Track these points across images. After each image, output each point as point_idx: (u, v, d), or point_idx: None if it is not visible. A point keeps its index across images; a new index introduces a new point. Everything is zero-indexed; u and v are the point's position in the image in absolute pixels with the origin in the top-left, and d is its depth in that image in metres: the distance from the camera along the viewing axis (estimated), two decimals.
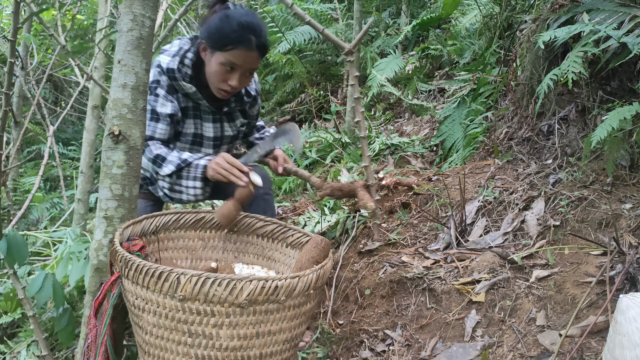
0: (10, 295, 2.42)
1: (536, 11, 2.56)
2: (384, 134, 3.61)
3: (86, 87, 3.26)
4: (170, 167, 1.70)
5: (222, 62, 1.68)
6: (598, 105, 2.06)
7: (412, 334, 1.61)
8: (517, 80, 2.53)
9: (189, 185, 1.72)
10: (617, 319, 1.09)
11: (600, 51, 1.78)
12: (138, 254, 1.37)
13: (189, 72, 1.77)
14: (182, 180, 1.72)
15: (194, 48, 1.79)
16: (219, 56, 1.68)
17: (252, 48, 1.67)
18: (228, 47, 1.66)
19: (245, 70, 1.71)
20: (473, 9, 3.84)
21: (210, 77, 1.75)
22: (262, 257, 1.73)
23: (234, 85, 1.71)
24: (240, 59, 1.67)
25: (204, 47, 1.73)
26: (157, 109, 1.74)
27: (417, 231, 2.15)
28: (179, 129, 1.83)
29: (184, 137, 1.84)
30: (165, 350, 1.22)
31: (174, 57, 1.76)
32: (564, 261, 1.63)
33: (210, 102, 1.84)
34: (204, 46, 1.73)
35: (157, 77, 1.75)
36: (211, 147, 1.91)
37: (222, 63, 1.68)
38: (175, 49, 1.79)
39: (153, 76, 1.75)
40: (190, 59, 1.78)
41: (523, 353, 1.38)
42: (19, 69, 4.00)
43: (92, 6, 5.58)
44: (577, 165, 2.02)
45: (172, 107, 1.76)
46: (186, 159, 1.70)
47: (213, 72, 1.71)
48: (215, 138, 1.90)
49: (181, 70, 1.76)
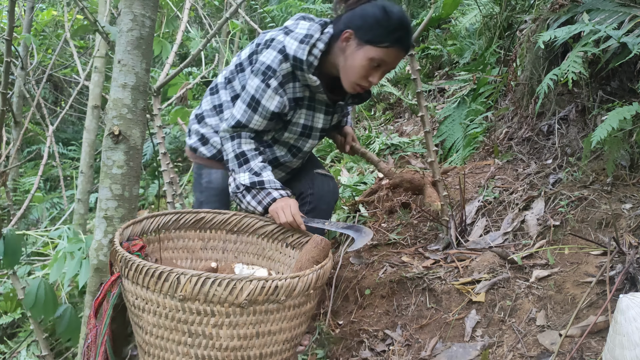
0: (10, 295, 2.42)
1: (536, 11, 2.56)
2: (384, 134, 3.61)
3: (86, 87, 3.26)
4: (245, 178, 1.64)
5: (372, 58, 1.54)
6: (598, 105, 2.06)
7: (412, 334, 1.61)
8: (517, 80, 2.53)
9: (251, 204, 1.67)
10: (617, 319, 1.09)
11: (600, 51, 1.78)
12: (138, 254, 1.37)
13: (315, 63, 1.61)
14: (247, 196, 1.66)
15: (325, 37, 1.62)
16: (370, 51, 1.54)
17: (405, 49, 1.58)
18: (384, 44, 1.53)
19: (390, 69, 1.61)
20: (473, 9, 3.84)
21: (349, 70, 1.60)
22: (262, 257, 1.73)
23: (374, 82, 1.60)
24: (391, 58, 1.56)
25: (348, 37, 1.57)
26: (261, 101, 1.61)
27: (417, 231, 2.15)
28: (287, 119, 1.71)
29: (293, 126, 1.73)
30: (165, 350, 1.22)
31: (302, 45, 1.59)
32: (564, 261, 1.63)
33: (328, 94, 1.71)
34: (348, 36, 1.57)
35: (277, 65, 1.60)
36: (317, 138, 1.81)
37: (372, 59, 1.55)
38: (303, 33, 1.61)
39: (272, 61, 1.60)
40: (320, 50, 1.61)
41: (523, 353, 1.38)
42: (19, 69, 3.99)
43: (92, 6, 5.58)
44: (577, 165, 2.02)
45: (278, 103, 1.63)
46: (263, 181, 1.63)
47: (356, 66, 1.57)
48: (323, 129, 1.81)
49: (308, 60, 1.59)
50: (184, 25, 2.58)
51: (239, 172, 1.65)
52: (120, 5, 1.36)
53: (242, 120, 1.64)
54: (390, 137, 3.48)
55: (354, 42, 1.57)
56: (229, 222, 1.70)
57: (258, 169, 1.65)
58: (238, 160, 1.65)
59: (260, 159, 1.67)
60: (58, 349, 2.26)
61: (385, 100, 4.39)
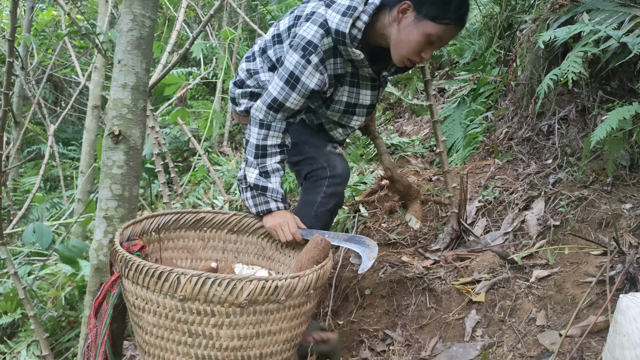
0: (10, 295, 2.42)
1: (536, 11, 2.56)
2: (384, 134, 3.61)
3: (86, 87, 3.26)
4: (252, 176, 1.60)
5: (430, 34, 1.47)
6: (598, 105, 2.06)
7: (412, 334, 1.61)
8: (517, 80, 2.53)
9: (247, 201, 1.64)
10: (617, 319, 1.09)
11: (600, 51, 1.78)
12: (138, 254, 1.37)
13: (358, 37, 1.53)
14: (247, 193, 1.63)
15: (370, 8, 1.54)
16: (429, 26, 1.47)
17: (462, 27, 1.52)
18: (445, 21, 1.46)
19: (443, 46, 1.57)
20: (473, 9, 3.83)
21: (402, 44, 1.52)
22: (262, 257, 1.73)
23: (426, 58, 1.54)
24: (447, 35, 1.51)
25: (405, 9, 1.49)
26: (301, 78, 1.52)
27: (417, 231, 2.15)
28: (326, 96, 1.65)
29: (336, 104, 1.67)
30: (165, 350, 1.22)
31: (345, 17, 1.51)
32: (564, 261, 1.63)
33: (372, 67, 1.64)
34: (406, 7, 1.49)
35: (318, 40, 1.51)
36: (364, 114, 1.73)
37: (429, 34, 1.48)
38: (346, 5, 1.52)
39: (313, 36, 1.51)
40: (364, 22, 1.53)
41: (523, 353, 1.38)
42: (19, 68, 4.00)
43: (92, 6, 5.58)
44: (577, 165, 2.02)
45: (318, 80, 1.55)
46: (267, 187, 1.60)
47: (411, 41, 1.50)
48: (371, 105, 1.72)
49: (351, 34, 1.52)
50: (180, 25, 2.58)
51: (250, 166, 1.61)
52: (121, 5, 1.36)
53: (278, 98, 1.55)
54: (390, 137, 3.48)
55: (412, 16, 1.49)
56: (229, 222, 1.70)
57: (270, 170, 1.60)
58: (256, 151, 1.59)
59: (279, 158, 1.62)
60: (58, 349, 2.26)
61: (385, 100, 4.39)
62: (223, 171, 3.96)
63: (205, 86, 5.84)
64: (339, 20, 1.50)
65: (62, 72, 5.73)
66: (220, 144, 5.05)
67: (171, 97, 3.93)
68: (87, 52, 5.56)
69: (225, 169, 3.98)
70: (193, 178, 4.11)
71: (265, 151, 1.59)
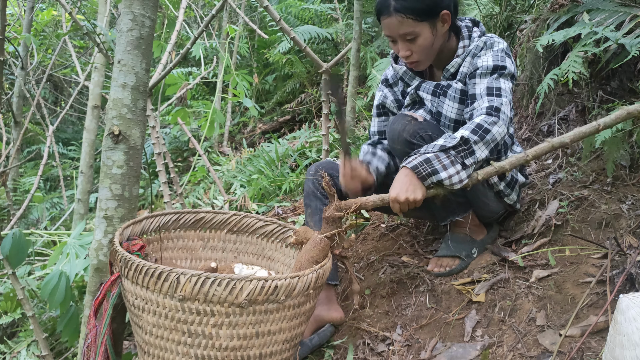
0: (10, 295, 2.42)
1: (536, 11, 2.56)
2: None
3: (86, 87, 3.26)
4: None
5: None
6: (598, 105, 2.06)
7: (412, 334, 1.61)
8: (517, 80, 2.53)
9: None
10: (617, 319, 1.09)
11: (600, 51, 1.78)
12: (138, 253, 1.37)
13: None
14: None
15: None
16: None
17: (389, 14, 1.59)
18: (379, 18, 1.62)
19: (397, 38, 1.61)
20: (473, 9, 3.83)
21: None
22: (262, 257, 1.73)
23: (401, 55, 1.65)
24: (386, 29, 1.62)
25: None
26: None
27: (417, 231, 2.15)
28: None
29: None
30: (165, 350, 1.22)
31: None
32: (564, 261, 1.63)
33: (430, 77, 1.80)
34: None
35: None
36: (451, 129, 1.73)
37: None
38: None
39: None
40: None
41: (523, 353, 1.38)
42: (19, 68, 4.00)
43: (92, 6, 5.59)
44: (577, 165, 2.02)
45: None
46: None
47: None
48: (457, 121, 1.72)
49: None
50: (180, 25, 2.58)
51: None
52: (120, 5, 1.36)
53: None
54: None
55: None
56: (229, 222, 1.70)
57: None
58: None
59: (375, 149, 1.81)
60: (58, 349, 2.26)
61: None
62: (223, 171, 3.95)
63: (205, 86, 5.84)
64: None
65: (62, 72, 5.73)
66: (220, 144, 5.05)
67: (171, 97, 3.93)
68: (87, 52, 5.56)
69: (225, 169, 3.97)
70: (193, 178, 4.11)
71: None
